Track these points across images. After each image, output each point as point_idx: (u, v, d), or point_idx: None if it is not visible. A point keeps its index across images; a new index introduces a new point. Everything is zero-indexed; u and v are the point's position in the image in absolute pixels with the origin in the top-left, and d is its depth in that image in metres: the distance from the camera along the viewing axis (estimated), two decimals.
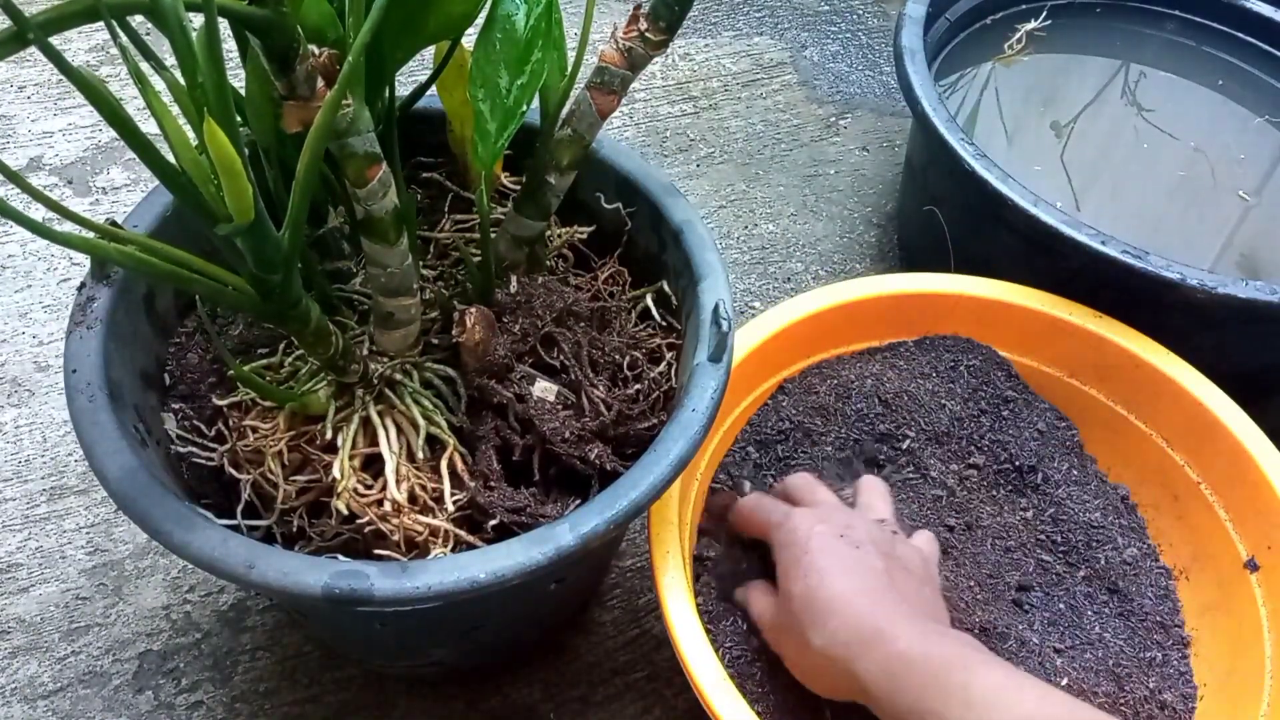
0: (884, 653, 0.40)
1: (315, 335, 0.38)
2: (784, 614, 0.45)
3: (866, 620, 0.41)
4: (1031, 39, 0.83)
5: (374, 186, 0.37)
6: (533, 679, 0.56)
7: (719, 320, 0.45)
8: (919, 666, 0.39)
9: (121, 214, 0.65)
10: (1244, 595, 0.53)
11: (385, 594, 0.36)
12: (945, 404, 0.58)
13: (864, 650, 0.40)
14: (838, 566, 0.43)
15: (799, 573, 0.44)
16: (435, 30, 0.41)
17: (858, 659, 0.40)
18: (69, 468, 0.62)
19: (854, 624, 0.41)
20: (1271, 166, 0.77)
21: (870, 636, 0.41)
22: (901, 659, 0.39)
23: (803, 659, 0.44)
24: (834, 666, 0.41)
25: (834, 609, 0.42)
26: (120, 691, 0.54)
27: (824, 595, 0.43)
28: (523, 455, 0.44)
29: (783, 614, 0.45)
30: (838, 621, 0.42)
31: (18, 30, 0.25)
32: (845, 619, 0.41)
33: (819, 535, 0.45)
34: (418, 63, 0.87)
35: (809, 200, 0.85)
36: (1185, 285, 0.56)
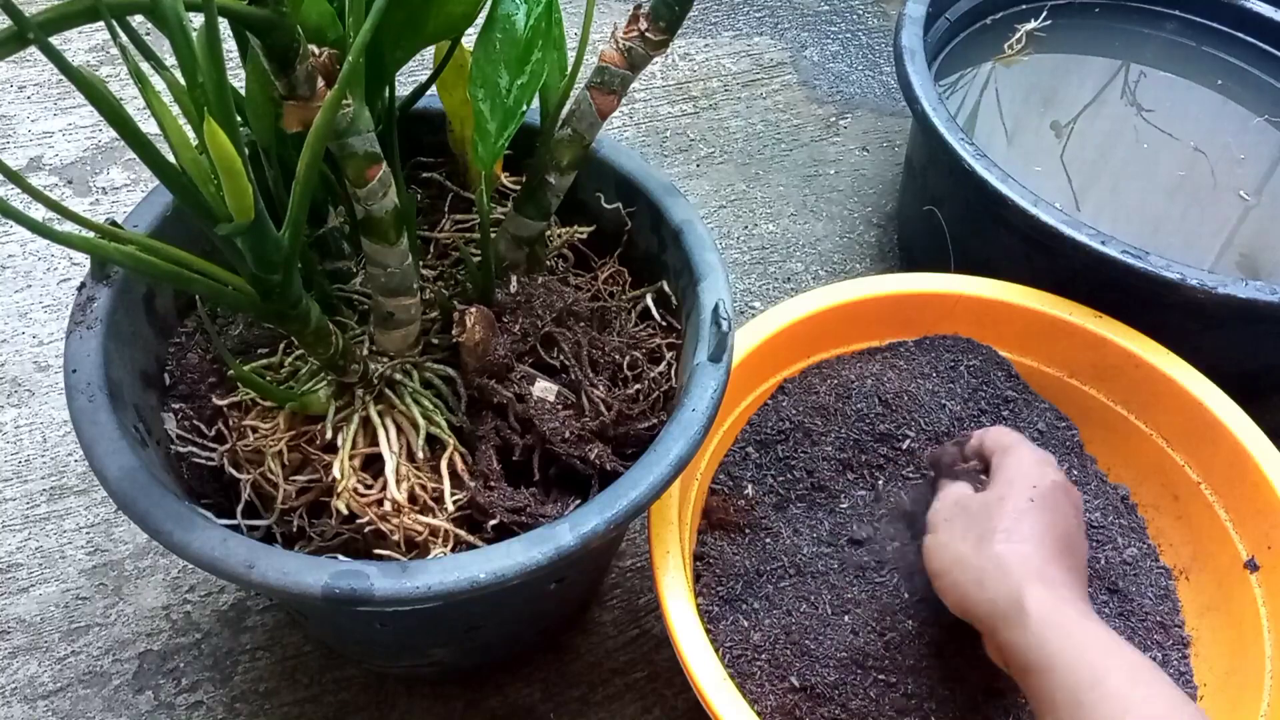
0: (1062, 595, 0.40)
1: (315, 335, 0.38)
2: (980, 505, 0.44)
3: (1053, 568, 0.41)
4: (1031, 39, 0.83)
5: (374, 186, 0.37)
6: (533, 679, 0.56)
7: (719, 320, 0.45)
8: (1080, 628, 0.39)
9: (121, 214, 0.65)
10: (1244, 595, 0.53)
11: (385, 594, 0.36)
12: (945, 404, 0.58)
13: (1044, 581, 0.40)
14: (1054, 510, 0.44)
15: (1020, 491, 0.44)
16: (435, 30, 0.41)
17: (1035, 583, 0.40)
18: (69, 468, 0.62)
19: (1045, 560, 0.41)
20: (1271, 166, 0.77)
21: (1054, 578, 0.40)
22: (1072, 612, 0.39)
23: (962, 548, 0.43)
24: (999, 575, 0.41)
25: (1034, 538, 0.42)
26: (120, 691, 0.54)
27: (1034, 519, 0.43)
28: (523, 455, 0.44)
29: (979, 503, 0.45)
30: (1029, 549, 0.41)
31: (18, 30, 0.25)
32: (1037, 552, 0.41)
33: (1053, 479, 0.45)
34: (418, 63, 0.87)
35: (809, 200, 0.85)
36: (1185, 285, 0.56)
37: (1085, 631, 0.39)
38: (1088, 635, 0.38)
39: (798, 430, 0.57)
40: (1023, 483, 0.45)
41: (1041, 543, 0.42)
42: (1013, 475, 0.45)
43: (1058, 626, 0.39)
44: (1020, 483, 0.45)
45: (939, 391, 0.59)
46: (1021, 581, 0.40)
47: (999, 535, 0.42)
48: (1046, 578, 0.40)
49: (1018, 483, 0.45)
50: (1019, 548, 0.42)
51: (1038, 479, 0.45)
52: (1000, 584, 0.41)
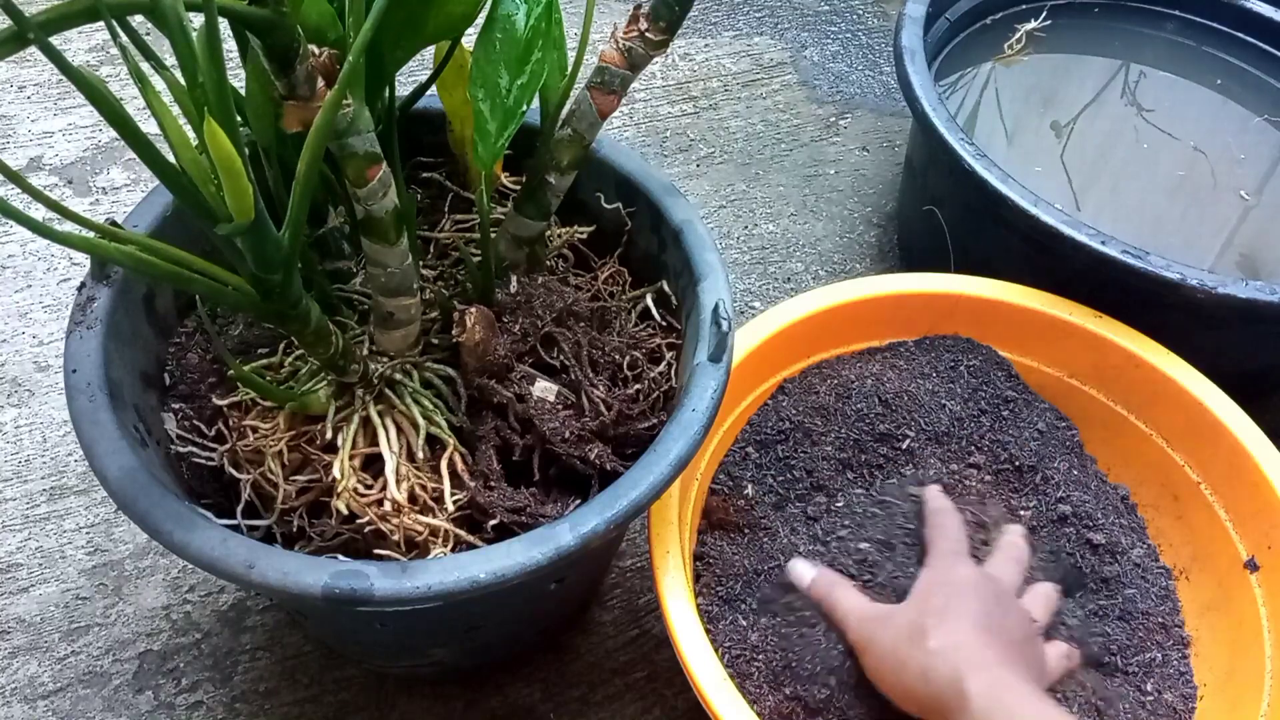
0: (1000, 679, 0.41)
1: (315, 335, 0.38)
2: (902, 613, 0.46)
3: (992, 650, 0.42)
4: (1031, 39, 0.83)
5: (374, 186, 0.37)
6: (533, 679, 0.56)
7: (719, 320, 0.45)
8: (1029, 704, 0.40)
9: (121, 214, 0.65)
10: (1244, 595, 0.53)
11: (385, 594, 0.36)
12: (945, 404, 0.58)
13: (982, 669, 0.41)
14: (983, 613, 0.45)
15: (944, 594, 0.45)
16: (435, 30, 0.41)
17: (974, 672, 0.41)
18: (69, 468, 0.62)
19: (980, 648, 0.42)
20: (1271, 166, 0.77)
21: (991, 662, 0.42)
22: (1013, 692, 0.40)
23: (901, 656, 0.44)
24: (939, 672, 0.42)
25: (967, 628, 0.43)
26: (120, 691, 0.54)
27: (963, 612, 0.44)
28: (523, 455, 0.44)
29: (901, 613, 0.46)
30: (963, 639, 0.42)
31: (18, 30, 0.25)
32: (970, 641, 0.42)
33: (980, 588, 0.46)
34: (418, 63, 0.87)
35: (809, 200, 0.85)
36: (1185, 285, 0.56)
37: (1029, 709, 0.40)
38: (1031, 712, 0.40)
39: (798, 430, 0.57)
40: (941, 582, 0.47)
41: (971, 631, 0.43)
42: (930, 577, 0.47)
43: (1001, 708, 0.40)
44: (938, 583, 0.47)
45: (939, 391, 0.59)
46: (960, 667, 0.41)
47: (930, 630, 0.43)
48: (983, 660, 0.42)
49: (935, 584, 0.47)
50: (952, 638, 0.43)
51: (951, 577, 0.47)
52: (942, 675, 0.42)
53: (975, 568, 0.48)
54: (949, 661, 0.42)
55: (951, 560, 0.48)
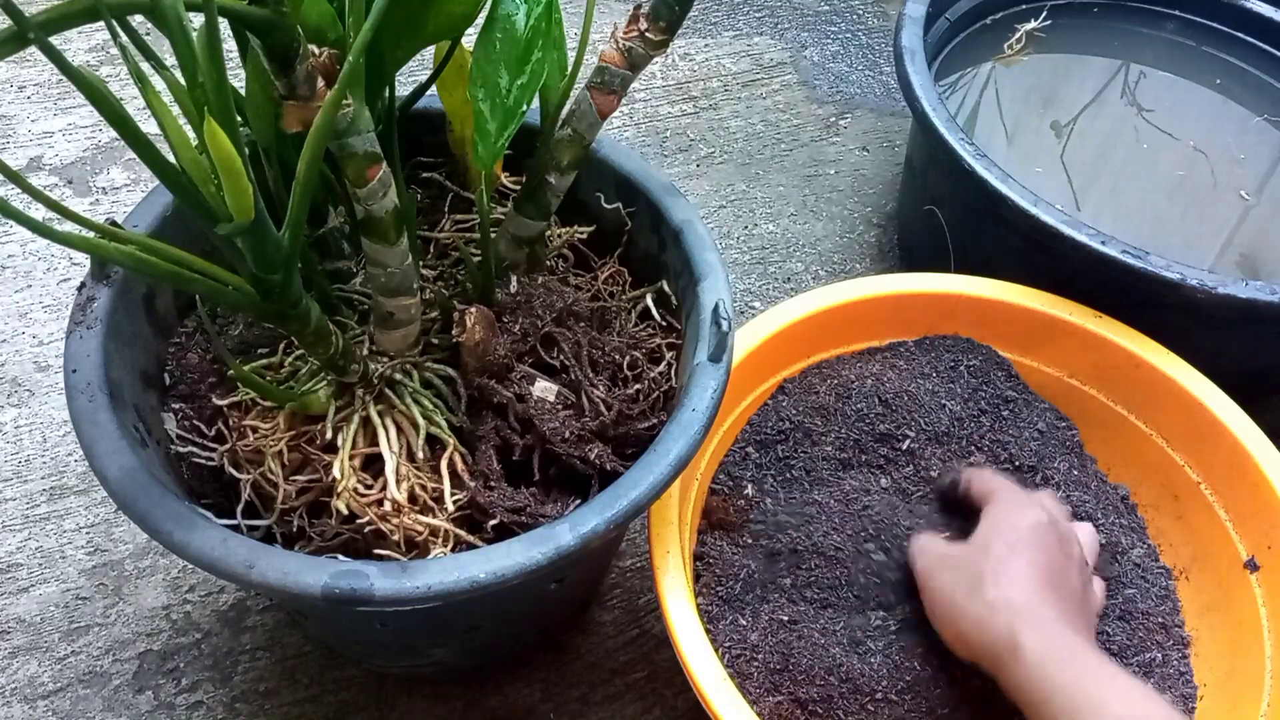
0: (1055, 634, 0.41)
1: (315, 335, 0.38)
2: (966, 554, 0.46)
3: (1049, 604, 0.42)
4: (1031, 39, 0.83)
5: (374, 186, 0.37)
6: (533, 679, 0.56)
7: (719, 320, 0.45)
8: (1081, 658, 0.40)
9: (121, 214, 0.65)
10: (1244, 595, 0.53)
11: (385, 594, 0.36)
12: (945, 404, 0.58)
13: (1037, 622, 0.41)
14: (1043, 553, 0.45)
15: (1007, 538, 0.45)
16: (435, 30, 0.41)
17: (1029, 625, 0.41)
18: (69, 468, 0.62)
19: (1036, 601, 0.42)
20: (1271, 166, 0.77)
21: (1046, 617, 0.42)
22: (1069, 647, 0.40)
23: (960, 599, 0.44)
24: (995, 621, 0.42)
25: (1025, 578, 0.43)
26: (120, 691, 0.54)
27: (1022, 562, 0.44)
28: (523, 455, 0.44)
29: (965, 553, 0.46)
30: (1021, 590, 0.43)
31: (18, 30, 0.25)
32: (1031, 592, 0.43)
33: (1042, 529, 0.46)
34: (418, 63, 0.87)
35: (809, 200, 0.85)
36: (1185, 285, 0.56)
37: (1080, 663, 0.40)
38: (1083, 666, 0.40)
39: (798, 430, 0.57)
40: (1005, 528, 0.46)
41: (1030, 583, 0.43)
42: (995, 522, 0.47)
43: (1053, 661, 0.40)
44: (1002, 528, 0.46)
45: (939, 391, 0.59)
46: (1015, 622, 0.41)
47: (988, 581, 0.43)
48: (1039, 616, 0.42)
49: (999, 529, 0.46)
50: (1009, 591, 0.43)
51: (1017, 523, 0.46)
52: (996, 627, 0.42)
53: (1041, 512, 0.47)
54: (1005, 614, 0.42)
55: (1018, 504, 0.48)
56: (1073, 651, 0.40)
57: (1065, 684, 0.39)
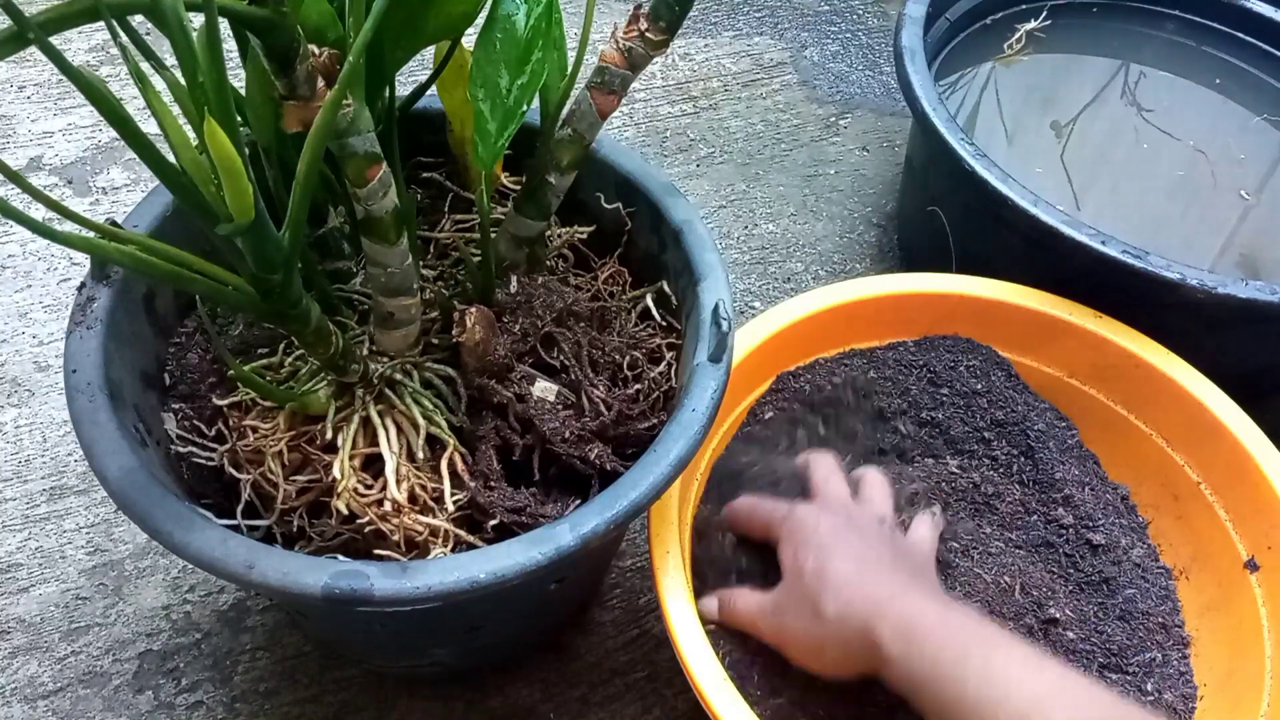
0: (901, 614, 0.41)
1: (315, 335, 0.38)
2: (791, 594, 0.45)
3: (883, 586, 0.42)
4: (1031, 39, 0.83)
5: (374, 186, 0.37)
6: (533, 679, 0.56)
7: (719, 320, 0.45)
8: (938, 631, 0.40)
9: (121, 214, 0.65)
10: (1244, 595, 0.53)
11: (385, 594, 0.36)
12: (945, 404, 0.58)
13: (879, 611, 0.41)
14: (845, 544, 0.45)
15: (808, 553, 0.45)
16: (435, 30, 0.41)
17: (874, 619, 0.41)
18: (69, 468, 0.62)
19: (870, 590, 0.42)
20: (1271, 166, 0.77)
21: (885, 599, 0.41)
22: (920, 620, 0.40)
23: (813, 633, 0.44)
24: (848, 632, 0.42)
25: (847, 577, 0.43)
26: (120, 691, 0.54)
27: (836, 565, 0.44)
28: (523, 455, 0.44)
29: (788, 595, 0.45)
30: (852, 589, 0.42)
31: (18, 30, 0.25)
32: (860, 586, 0.43)
33: (827, 523, 0.46)
34: (418, 63, 0.87)
35: (809, 200, 0.85)
36: (1185, 285, 0.56)
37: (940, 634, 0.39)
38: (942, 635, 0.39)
39: (795, 430, 0.57)
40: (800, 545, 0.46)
41: (856, 578, 0.43)
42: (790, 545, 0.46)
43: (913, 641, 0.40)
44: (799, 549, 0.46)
45: (939, 392, 0.59)
46: (864, 625, 0.41)
47: (822, 599, 0.43)
48: (881, 604, 0.41)
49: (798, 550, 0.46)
50: (843, 596, 0.42)
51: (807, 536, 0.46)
52: (853, 637, 0.42)
53: (814, 513, 0.47)
54: (850, 622, 0.42)
55: (796, 518, 0.47)
56: (926, 624, 0.40)
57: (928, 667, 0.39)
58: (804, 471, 0.52)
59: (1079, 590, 0.54)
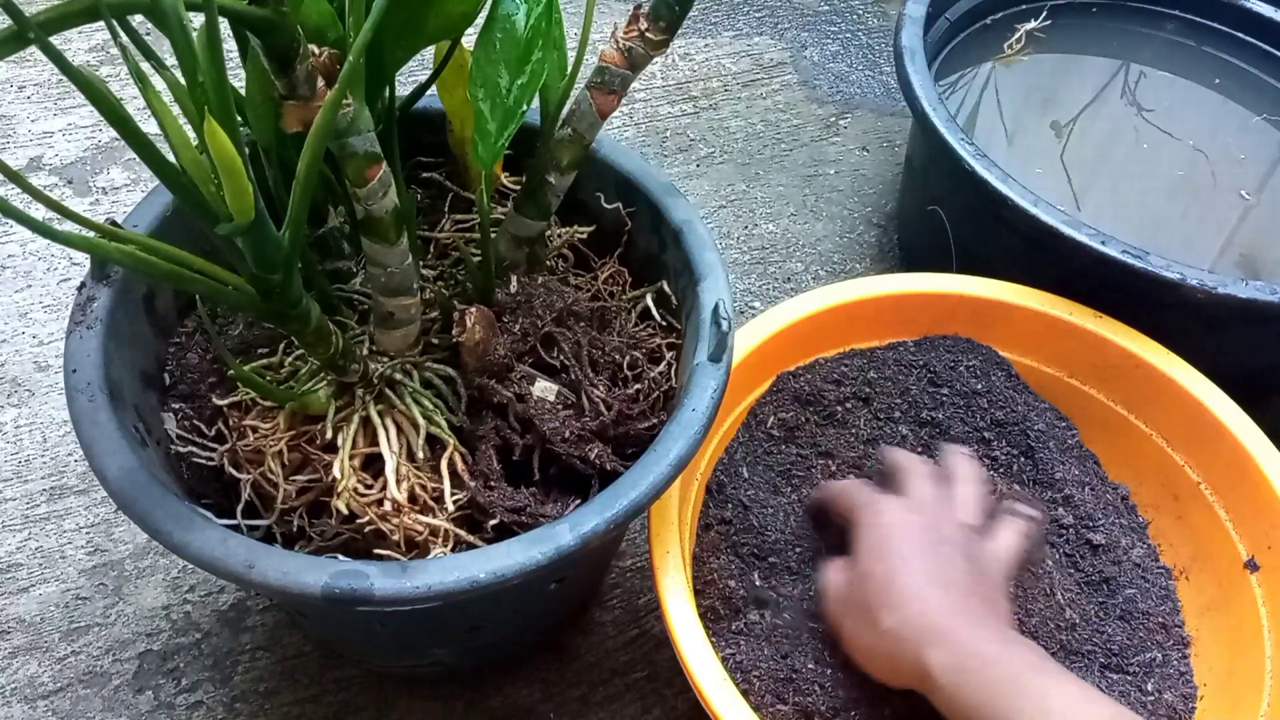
0: (959, 645, 0.40)
1: (315, 335, 0.38)
2: (858, 591, 0.45)
3: (945, 612, 0.41)
4: (1031, 39, 0.83)
5: (374, 186, 0.37)
6: (533, 679, 0.56)
7: (719, 320, 0.45)
8: (994, 666, 0.39)
9: (121, 214, 0.65)
10: (1244, 595, 0.53)
11: (385, 594, 0.36)
12: (945, 404, 0.58)
13: (937, 639, 0.40)
14: (920, 556, 0.44)
15: (881, 554, 0.44)
16: (435, 30, 0.41)
17: (929, 646, 0.40)
18: (69, 468, 0.62)
19: (931, 613, 0.41)
20: (1271, 166, 0.77)
21: (945, 627, 0.41)
22: (977, 655, 0.40)
23: (868, 637, 0.44)
24: (901, 650, 0.41)
25: (912, 594, 0.42)
26: (120, 691, 0.54)
27: (904, 579, 0.43)
28: (523, 455, 0.44)
29: (857, 591, 0.45)
30: (915, 607, 0.42)
31: (18, 30, 0.25)
32: (922, 606, 0.42)
33: (906, 524, 0.45)
34: (418, 63, 0.87)
35: (809, 200, 0.85)
36: (1185, 285, 0.56)
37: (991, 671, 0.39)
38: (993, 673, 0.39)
39: (794, 429, 0.57)
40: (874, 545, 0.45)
41: (919, 597, 0.42)
42: (864, 543, 0.46)
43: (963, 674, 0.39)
44: (872, 548, 0.45)
45: (939, 392, 0.59)
46: (919, 647, 0.41)
47: (881, 614, 0.43)
48: (939, 631, 0.41)
49: (870, 550, 0.45)
50: (902, 615, 0.42)
51: (883, 536, 0.45)
52: (905, 657, 0.41)
53: (898, 511, 0.46)
54: (906, 642, 0.41)
55: (876, 510, 0.47)
56: (982, 659, 0.39)
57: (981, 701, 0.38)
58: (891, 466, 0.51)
59: (1079, 590, 0.54)
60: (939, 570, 0.43)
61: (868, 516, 0.47)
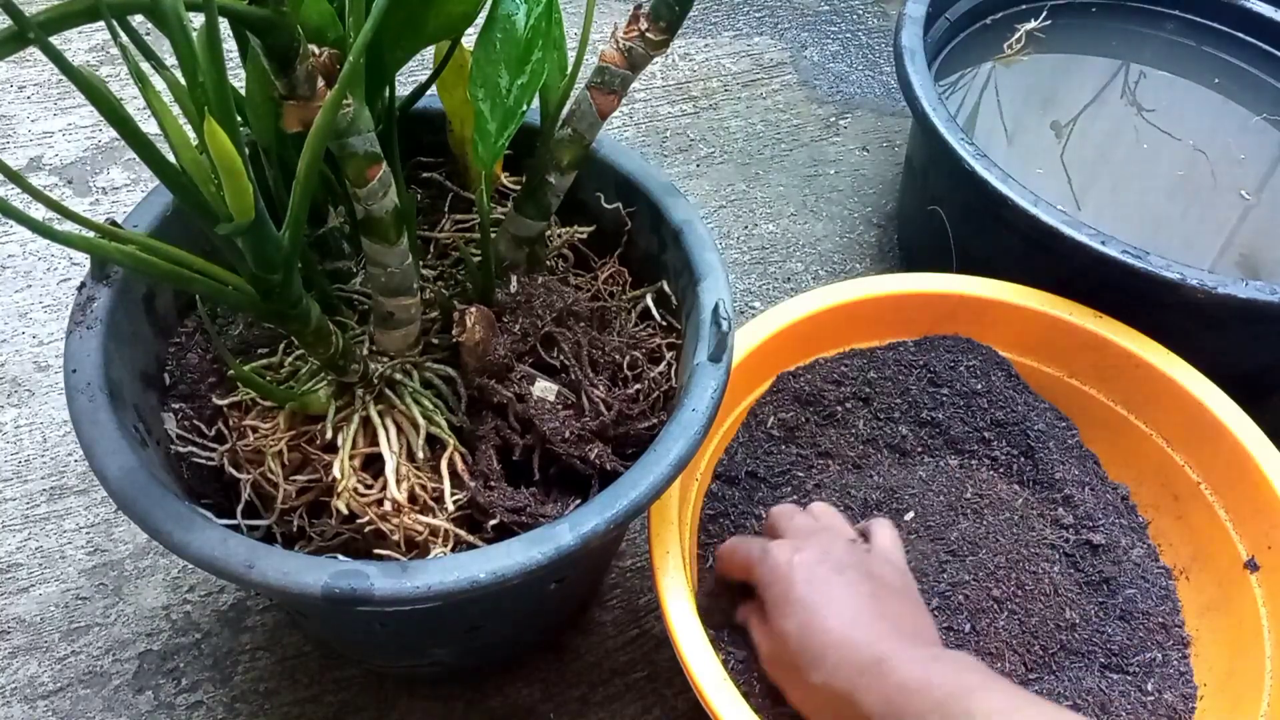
0: (885, 684, 0.40)
1: (315, 335, 0.38)
2: (781, 651, 0.44)
3: (864, 651, 0.41)
4: (1031, 39, 0.83)
5: (374, 186, 0.37)
6: (533, 679, 0.56)
7: (719, 320, 0.45)
8: (921, 695, 0.39)
9: (121, 214, 0.65)
10: (1244, 595, 0.53)
11: (385, 594, 0.36)
12: (944, 404, 0.58)
13: (865, 683, 0.40)
14: (825, 598, 0.43)
15: (789, 610, 0.44)
16: (435, 30, 0.41)
17: (859, 691, 0.40)
18: (69, 468, 0.62)
19: (852, 657, 0.41)
20: (1271, 166, 0.77)
21: (869, 667, 0.40)
22: (903, 689, 0.39)
23: (804, 694, 0.43)
24: (837, 701, 0.41)
25: (829, 643, 0.42)
26: (120, 691, 0.54)
27: (817, 631, 0.42)
28: (523, 455, 0.44)
29: (779, 650, 0.44)
30: (835, 656, 0.41)
31: (18, 30, 0.25)
32: (842, 653, 0.41)
33: (800, 566, 0.44)
34: (418, 63, 0.87)
35: (809, 200, 0.85)
36: (1185, 285, 0.56)
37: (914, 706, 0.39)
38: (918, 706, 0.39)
39: (793, 429, 0.57)
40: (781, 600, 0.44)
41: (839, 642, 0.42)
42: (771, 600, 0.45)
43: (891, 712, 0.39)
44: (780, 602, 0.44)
45: (939, 392, 0.59)
46: (851, 694, 0.40)
47: (809, 671, 0.42)
48: (865, 671, 0.40)
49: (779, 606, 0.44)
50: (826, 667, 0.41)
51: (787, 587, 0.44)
52: (844, 708, 0.41)
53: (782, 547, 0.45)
54: (839, 692, 0.41)
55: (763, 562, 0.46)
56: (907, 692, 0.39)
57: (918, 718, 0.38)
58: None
59: (1079, 590, 0.54)
60: (846, 602, 0.43)
61: (764, 572, 0.46)
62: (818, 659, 0.42)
